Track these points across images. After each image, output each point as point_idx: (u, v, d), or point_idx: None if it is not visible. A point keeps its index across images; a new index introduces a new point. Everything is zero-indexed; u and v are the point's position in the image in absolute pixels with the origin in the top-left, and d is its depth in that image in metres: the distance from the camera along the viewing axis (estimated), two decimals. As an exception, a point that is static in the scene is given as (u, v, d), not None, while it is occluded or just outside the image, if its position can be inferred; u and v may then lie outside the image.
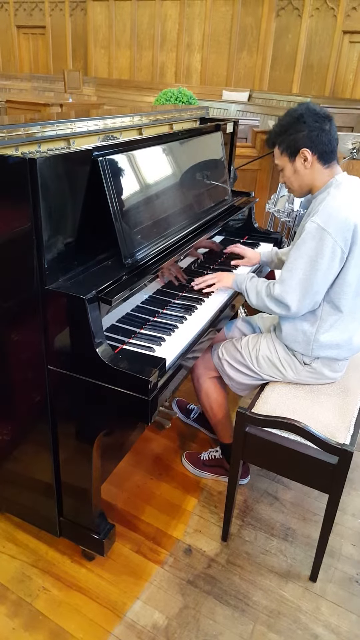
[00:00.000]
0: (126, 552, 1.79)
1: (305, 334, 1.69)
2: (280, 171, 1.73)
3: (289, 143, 1.63)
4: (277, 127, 1.67)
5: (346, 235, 1.52)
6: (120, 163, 1.52)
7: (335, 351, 1.68)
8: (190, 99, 4.12)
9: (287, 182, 1.74)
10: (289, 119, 1.64)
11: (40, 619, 1.57)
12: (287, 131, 1.63)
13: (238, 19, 8.63)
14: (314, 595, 1.68)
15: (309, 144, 1.60)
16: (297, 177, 1.68)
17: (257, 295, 1.73)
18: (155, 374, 1.30)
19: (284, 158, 1.68)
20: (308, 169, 1.64)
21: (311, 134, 1.59)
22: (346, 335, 1.67)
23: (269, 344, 1.80)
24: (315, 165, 1.63)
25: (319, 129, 1.59)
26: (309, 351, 1.70)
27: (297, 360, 1.74)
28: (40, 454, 1.60)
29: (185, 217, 1.90)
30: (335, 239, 1.52)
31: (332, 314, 1.65)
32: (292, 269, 1.60)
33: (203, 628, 1.56)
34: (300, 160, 1.63)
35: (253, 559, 1.79)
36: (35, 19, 11.07)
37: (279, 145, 1.67)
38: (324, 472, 1.52)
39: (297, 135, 1.61)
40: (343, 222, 1.51)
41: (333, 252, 1.53)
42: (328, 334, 1.66)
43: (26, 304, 1.37)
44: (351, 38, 7.83)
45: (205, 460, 2.15)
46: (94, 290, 1.32)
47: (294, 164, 1.66)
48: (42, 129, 1.48)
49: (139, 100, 8.23)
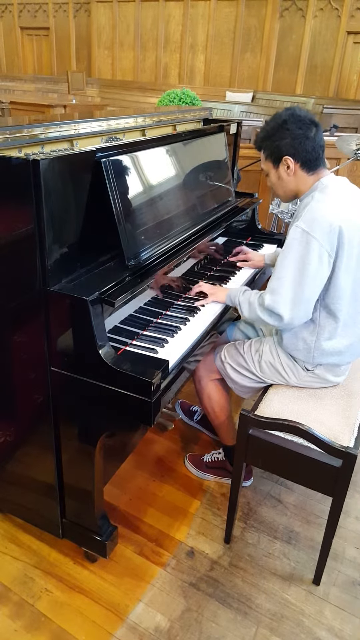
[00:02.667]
0: (128, 554, 1.78)
1: (305, 342, 1.67)
2: (266, 176, 1.72)
3: (272, 150, 1.61)
4: (262, 132, 1.65)
5: (332, 238, 1.49)
6: (124, 164, 1.52)
7: (337, 357, 1.67)
8: (194, 100, 4.12)
9: (272, 187, 1.73)
10: (273, 124, 1.61)
11: (43, 620, 1.56)
12: (270, 137, 1.61)
13: (241, 20, 8.62)
14: (317, 599, 1.67)
15: (291, 152, 1.58)
16: (281, 184, 1.67)
17: (249, 307, 1.69)
18: (158, 375, 1.30)
19: (268, 163, 1.66)
20: (291, 177, 1.63)
21: (294, 142, 1.56)
22: (347, 341, 1.65)
23: (272, 350, 1.78)
24: (299, 173, 1.61)
25: (302, 137, 1.56)
26: (310, 359, 1.68)
27: (300, 367, 1.73)
28: (42, 455, 1.60)
29: (188, 218, 1.90)
30: (322, 242, 1.48)
31: (330, 320, 1.62)
32: (280, 277, 1.56)
33: (205, 631, 1.55)
34: (284, 167, 1.61)
35: (256, 561, 1.78)
36: (39, 21, 11.10)
37: (263, 150, 1.66)
38: (327, 475, 1.51)
39: (280, 143, 1.58)
40: (328, 226, 1.48)
41: (320, 257, 1.49)
42: (329, 341, 1.64)
43: (29, 305, 1.37)
44: (355, 39, 7.82)
45: (208, 462, 2.14)
46: (97, 291, 1.31)
47: (278, 171, 1.64)
48: (45, 130, 1.48)
49: (143, 102, 8.23)
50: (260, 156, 1.69)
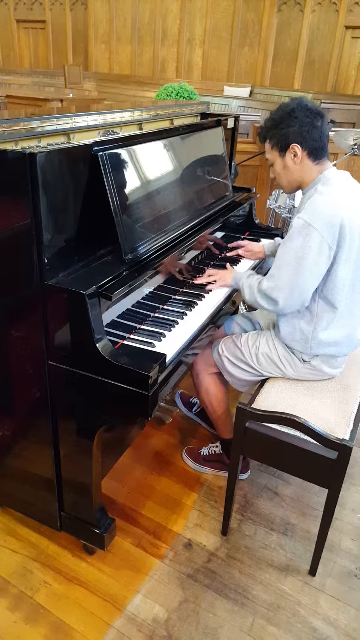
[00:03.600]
0: (127, 546, 1.80)
1: (303, 332, 1.69)
2: (270, 166, 1.73)
3: (280, 138, 1.63)
4: (269, 122, 1.67)
5: (333, 231, 1.52)
6: (121, 158, 1.52)
7: (334, 348, 1.69)
8: (191, 94, 4.11)
9: (276, 178, 1.73)
10: (281, 113, 1.63)
11: (41, 612, 1.58)
12: (278, 125, 1.62)
13: (239, 14, 8.58)
14: (313, 589, 1.69)
15: (299, 140, 1.60)
16: (287, 173, 1.68)
17: (249, 290, 1.74)
18: (155, 369, 1.30)
19: (274, 152, 1.67)
20: (297, 165, 1.64)
21: (302, 129, 1.58)
22: (344, 332, 1.67)
23: (269, 342, 1.80)
24: (305, 162, 1.63)
25: (310, 125, 1.58)
26: (307, 349, 1.70)
27: (297, 358, 1.74)
28: (40, 449, 1.61)
29: (185, 212, 1.90)
30: (323, 234, 1.51)
31: (328, 311, 1.65)
32: (280, 265, 1.60)
33: (203, 621, 1.57)
34: (290, 155, 1.63)
35: (253, 553, 1.80)
36: (35, 14, 11.01)
37: (269, 139, 1.67)
38: (323, 467, 1.53)
39: (288, 130, 1.60)
40: (330, 218, 1.51)
41: (320, 248, 1.52)
42: (326, 332, 1.66)
43: (26, 300, 1.37)
44: (353, 33, 7.78)
45: (205, 455, 2.16)
46: (94, 285, 1.32)
47: (284, 159, 1.65)
48: (41, 123, 1.48)
49: (140, 96, 8.20)
50: (265, 147, 1.70)
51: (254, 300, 1.73)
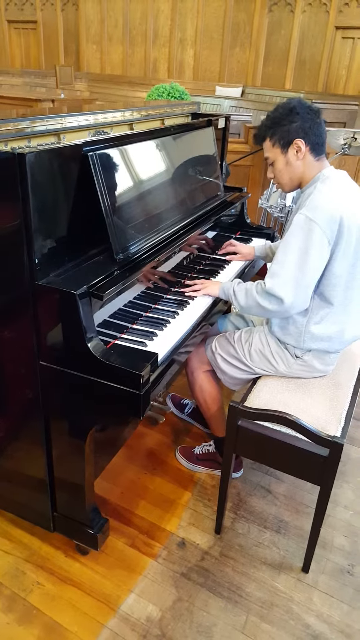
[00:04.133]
0: (120, 546, 1.80)
1: (296, 325, 1.70)
2: (270, 165, 1.73)
3: (282, 134, 1.64)
4: (269, 121, 1.68)
5: (333, 226, 1.54)
6: (111, 158, 1.52)
7: (326, 343, 1.70)
8: (183, 95, 4.11)
9: (277, 176, 1.73)
10: (282, 110, 1.64)
11: (35, 613, 1.57)
12: (280, 122, 1.64)
13: (230, 15, 8.60)
14: (306, 586, 1.69)
15: (302, 135, 1.61)
16: (289, 169, 1.68)
17: (246, 294, 1.70)
18: (147, 368, 1.31)
19: (275, 150, 1.68)
20: (300, 161, 1.65)
21: (304, 125, 1.61)
22: (337, 328, 1.68)
23: (262, 338, 1.81)
24: (307, 157, 1.65)
25: (311, 121, 1.61)
26: (300, 343, 1.71)
27: (289, 353, 1.75)
28: (33, 449, 1.60)
29: (177, 212, 1.90)
30: (324, 229, 1.53)
31: (322, 306, 1.66)
32: (283, 262, 1.59)
33: (196, 620, 1.57)
34: (293, 151, 1.64)
35: (246, 551, 1.81)
36: (26, 14, 10.98)
37: (270, 137, 1.67)
38: (315, 465, 1.54)
39: (291, 126, 1.62)
40: (330, 214, 1.53)
41: (321, 243, 1.54)
42: (319, 325, 1.67)
43: (17, 300, 1.37)
44: (343, 34, 7.83)
45: (198, 454, 2.16)
46: (85, 285, 1.32)
47: (287, 156, 1.66)
48: (31, 124, 1.48)
49: (132, 96, 8.20)
50: (265, 146, 1.70)
51: (253, 304, 1.67)
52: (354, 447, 2.33)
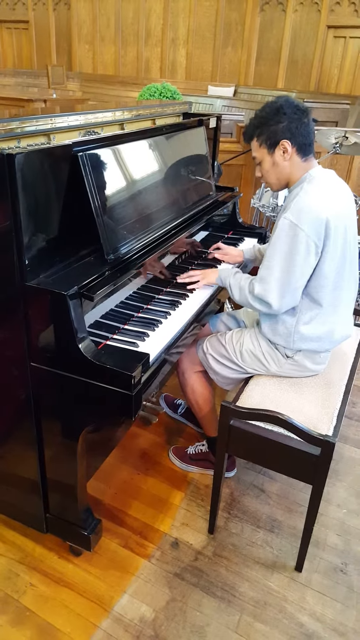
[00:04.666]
0: (113, 546, 1.79)
1: (285, 326, 1.70)
2: (258, 164, 1.72)
3: (269, 134, 1.62)
4: (256, 120, 1.67)
5: (319, 229, 1.53)
6: (101, 158, 1.52)
7: (316, 343, 1.70)
8: (174, 94, 4.11)
9: (264, 176, 1.73)
10: (269, 110, 1.63)
11: (28, 615, 1.57)
12: (266, 123, 1.62)
13: (222, 14, 8.61)
14: (300, 585, 1.70)
15: (288, 136, 1.60)
16: (276, 170, 1.68)
17: (240, 291, 1.74)
18: (138, 369, 1.30)
19: (262, 150, 1.67)
20: (287, 161, 1.64)
21: (291, 125, 1.59)
22: (327, 328, 1.68)
23: (252, 338, 1.81)
24: (294, 158, 1.64)
25: (298, 121, 1.60)
26: (290, 343, 1.71)
27: (280, 354, 1.75)
28: (25, 450, 1.60)
29: (168, 212, 1.90)
30: (309, 234, 1.52)
31: (311, 307, 1.66)
32: (270, 267, 1.60)
33: (190, 620, 1.57)
34: (280, 152, 1.63)
35: (239, 550, 1.81)
36: (18, 14, 10.93)
37: (257, 137, 1.67)
38: (307, 464, 1.54)
39: (278, 127, 1.60)
40: (315, 217, 1.52)
41: (307, 247, 1.54)
42: (308, 326, 1.68)
43: (7, 301, 1.36)
44: (335, 33, 7.86)
45: (191, 454, 2.16)
46: (76, 286, 1.31)
47: (273, 156, 1.65)
48: (21, 124, 1.47)
49: (124, 96, 8.18)
50: (253, 145, 1.70)
51: (245, 302, 1.72)
52: (347, 445, 2.34)
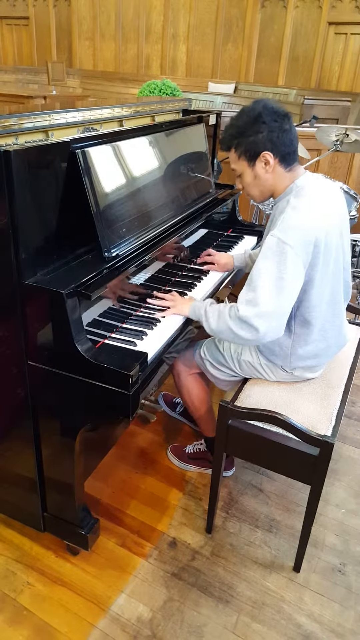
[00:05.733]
0: (111, 546, 1.79)
1: (282, 347, 1.65)
2: (238, 177, 1.60)
3: (248, 146, 1.50)
4: (233, 129, 1.53)
5: (307, 248, 1.43)
6: (99, 155, 1.50)
7: (314, 360, 1.68)
8: (174, 91, 4.09)
9: (245, 189, 1.60)
10: (246, 119, 1.49)
11: (25, 614, 1.56)
12: (244, 133, 1.49)
13: (223, 11, 8.57)
14: (298, 586, 1.69)
15: (269, 147, 1.48)
16: (258, 183, 1.56)
17: (219, 317, 1.55)
18: (136, 368, 1.29)
19: (241, 163, 1.54)
20: (269, 174, 1.52)
21: (271, 135, 1.46)
22: (324, 345, 1.64)
23: (251, 350, 1.75)
24: (277, 169, 1.52)
25: (279, 129, 1.47)
26: (288, 363, 1.68)
27: (278, 367, 1.72)
28: (22, 449, 1.59)
29: (167, 210, 1.89)
30: (297, 252, 1.42)
31: (304, 328, 1.60)
32: (257, 288, 1.46)
33: (187, 619, 1.57)
34: (261, 164, 1.51)
35: (237, 550, 1.80)
36: (18, 10, 10.90)
37: (235, 148, 1.53)
38: (305, 464, 1.53)
39: (257, 137, 1.47)
40: (304, 236, 1.42)
41: (295, 266, 1.43)
42: (306, 347, 1.63)
43: (4, 299, 1.35)
44: (336, 29, 7.83)
45: (190, 453, 2.15)
46: (73, 284, 1.30)
47: (254, 169, 1.53)
48: (19, 120, 1.46)
49: (125, 93, 8.16)
50: (230, 156, 1.57)
51: (224, 328, 1.52)
52: (346, 445, 2.33)
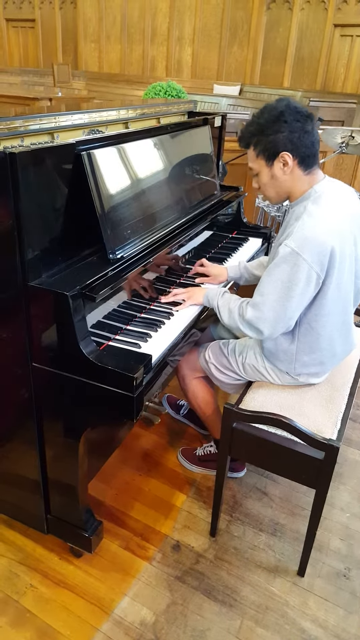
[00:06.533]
0: (114, 548, 1.78)
1: (286, 353, 1.64)
2: (255, 176, 1.57)
3: (267, 145, 1.46)
4: (253, 126, 1.49)
5: (322, 259, 1.41)
6: (104, 157, 1.50)
7: (319, 367, 1.67)
8: (179, 93, 4.09)
9: (262, 189, 1.58)
10: (268, 116, 1.45)
11: (28, 616, 1.56)
12: (264, 131, 1.46)
13: (228, 13, 8.57)
14: (302, 590, 1.68)
15: (289, 147, 1.44)
16: (274, 184, 1.53)
17: (229, 314, 1.63)
18: (140, 370, 1.29)
19: (259, 161, 1.51)
20: (287, 175, 1.49)
21: (292, 136, 1.43)
22: (329, 353, 1.63)
23: (256, 354, 1.75)
24: (296, 171, 1.49)
25: (301, 130, 1.43)
26: (292, 369, 1.67)
27: (283, 372, 1.71)
28: (26, 451, 1.59)
29: (171, 212, 1.89)
30: (311, 264, 1.40)
31: (311, 335, 1.58)
32: (265, 294, 1.49)
33: (191, 624, 1.56)
34: (279, 164, 1.48)
35: (241, 554, 1.79)
36: (24, 12, 10.94)
37: (254, 146, 1.50)
38: (310, 467, 1.52)
39: (277, 137, 1.44)
40: (319, 247, 1.40)
41: (308, 278, 1.42)
42: (312, 355, 1.62)
43: (9, 301, 1.35)
44: (342, 31, 7.80)
45: (200, 455, 2.14)
46: (78, 286, 1.30)
47: (272, 169, 1.50)
48: (24, 122, 1.46)
49: (130, 95, 8.16)
50: (249, 154, 1.54)
51: (235, 326, 1.62)
52: (351, 448, 2.32)
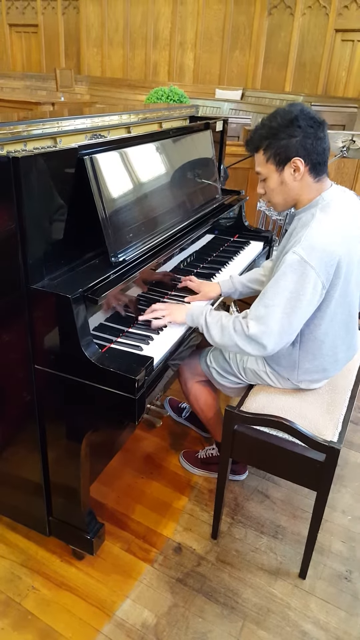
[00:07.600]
0: (116, 550, 1.79)
1: (288, 361, 1.64)
2: (262, 181, 1.53)
3: (279, 149, 1.43)
4: (264, 129, 1.46)
5: (329, 269, 1.40)
6: (107, 161, 1.52)
7: (321, 374, 1.67)
8: (182, 98, 4.11)
9: (268, 194, 1.54)
10: (280, 120, 1.42)
11: (29, 618, 1.56)
12: (276, 135, 1.42)
13: (230, 18, 8.62)
14: (303, 593, 1.68)
15: (302, 153, 1.41)
16: (283, 190, 1.49)
17: (222, 331, 1.53)
18: (142, 372, 1.30)
19: (269, 166, 1.47)
20: (297, 182, 1.46)
21: (305, 141, 1.40)
22: (332, 360, 1.63)
23: (257, 360, 1.74)
24: (306, 178, 1.46)
25: (314, 136, 1.40)
26: (294, 376, 1.67)
27: (284, 378, 1.71)
28: (28, 453, 1.59)
29: (173, 215, 1.90)
30: (318, 273, 1.38)
31: (313, 342, 1.57)
32: (270, 305, 1.43)
33: (192, 626, 1.56)
34: (290, 170, 1.44)
35: (243, 556, 1.79)
36: (27, 18, 11.03)
37: (264, 150, 1.46)
38: (311, 470, 1.52)
39: (290, 141, 1.41)
40: (328, 257, 1.38)
41: (315, 288, 1.40)
42: (314, 362, 1.62)
43: (12, 303, 1.36)
44: (343, 36, 7.84)
45: (202, 458, 2.14)
46: (80, 289, 1.31)
47: (282, 174, 1.46)
48: (27, 127, 1.47)
49: (132, 99, 8.21)
50: (257, 158, 1.50)
51: (229, 344, 1.51)
52: (352, 451, 2.32)
